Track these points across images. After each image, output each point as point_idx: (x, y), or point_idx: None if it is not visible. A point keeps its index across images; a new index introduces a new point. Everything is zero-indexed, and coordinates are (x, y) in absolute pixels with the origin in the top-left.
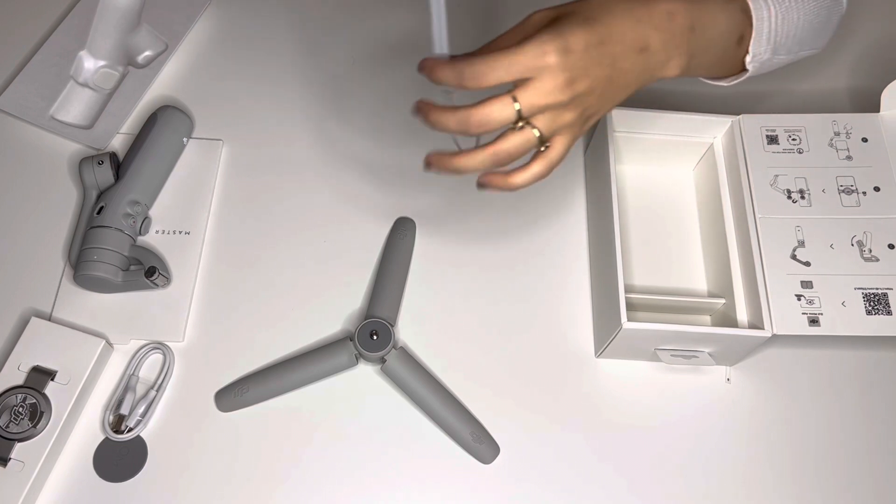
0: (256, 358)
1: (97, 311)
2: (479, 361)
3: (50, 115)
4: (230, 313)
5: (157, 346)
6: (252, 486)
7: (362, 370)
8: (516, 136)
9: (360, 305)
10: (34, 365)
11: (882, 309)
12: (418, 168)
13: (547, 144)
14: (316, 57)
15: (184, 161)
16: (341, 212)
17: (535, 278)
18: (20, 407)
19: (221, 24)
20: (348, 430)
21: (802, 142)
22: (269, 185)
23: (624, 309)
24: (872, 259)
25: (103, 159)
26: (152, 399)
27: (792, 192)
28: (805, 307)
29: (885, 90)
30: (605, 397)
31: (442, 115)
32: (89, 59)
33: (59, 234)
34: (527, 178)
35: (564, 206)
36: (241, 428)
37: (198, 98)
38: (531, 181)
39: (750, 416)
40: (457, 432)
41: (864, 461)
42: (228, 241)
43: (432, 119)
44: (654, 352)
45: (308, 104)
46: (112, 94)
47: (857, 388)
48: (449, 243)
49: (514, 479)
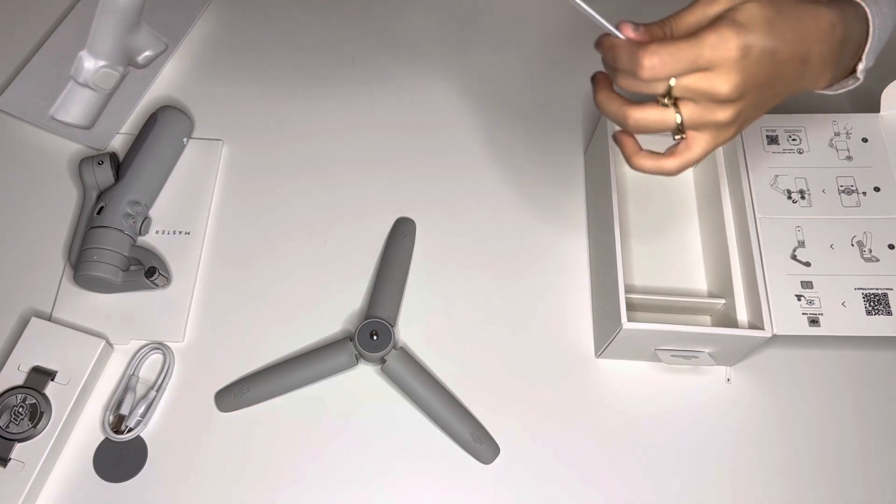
0: (256, 358)
1: (97, 311)
2: (479, 361)
3: (50, 116)
4: (230, 313)
5: (157, 346)
6: (252, 487)
7: (362, 370)
8: (656, 110)
9: (360, 305)
10: (34, 365)
11: (882, 309)
12: (419, 168)
13: (683, 136)
14: (316, 57)
15: (184, 161)
16: (341, 212)
17: (535, 278)
18: (20, 407)
19: (221, 24)
20: (348, 430)
21: (802, 142)
22: (269, 185)
23: (624, 309)
24: (872, 259)
25: (103, 159)
26: (152, 399)
27: (792, 193)
28: (805, 307)
29: (885, 90)
30: (605, 397)
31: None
32: (89, 59)
33: (59, 235)
34: (651, 167)
35: (564, 207)
36: (241, 428)
37: (198, 98)
38: (655, 172)
39: (750, 416)
40: (457, 432)
41: (864, 461)
42: (228, 242)
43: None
44: (654, 352)
45: (308, 104)
46: (112, 95)
47: (857, 389)
48: (449, 243)
49: (514, 479)
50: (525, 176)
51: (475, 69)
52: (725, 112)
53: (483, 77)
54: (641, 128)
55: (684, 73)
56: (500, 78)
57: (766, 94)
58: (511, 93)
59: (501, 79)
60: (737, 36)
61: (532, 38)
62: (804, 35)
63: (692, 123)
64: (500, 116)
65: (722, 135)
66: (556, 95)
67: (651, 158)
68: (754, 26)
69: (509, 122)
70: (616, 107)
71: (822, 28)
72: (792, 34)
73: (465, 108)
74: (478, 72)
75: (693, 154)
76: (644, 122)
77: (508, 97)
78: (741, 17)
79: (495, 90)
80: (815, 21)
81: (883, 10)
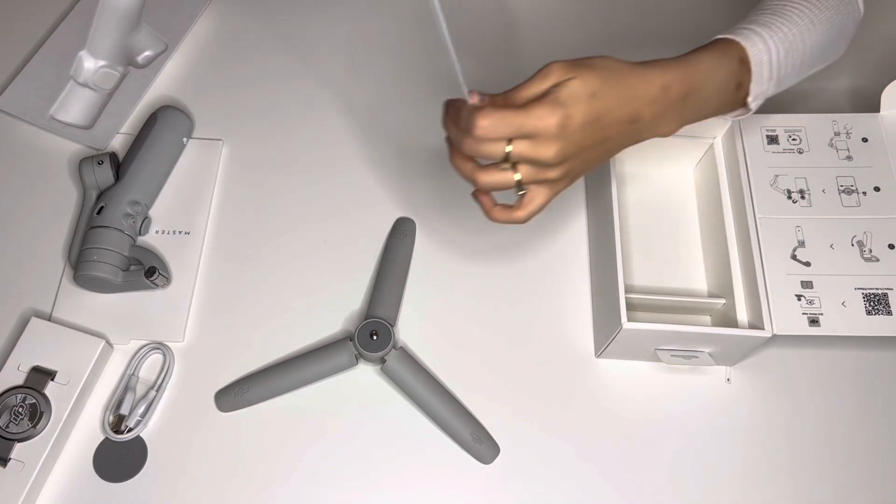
0: (256, 358)
1: (97, 311)
2: (479, 361)
3: (50, 115)
4: (230, 313)
5: (156, 346)
6: (252, 487)
7: (362, 370)
8: (498, 173)
9: (360, 305)
10: (34, 365)
11: (882, 309)
12: (419, 168)
13: (525, 190)
14: (316, 57)
15: (184, 161)
16: (341, 212)
17: (535, 278)
18: (20, 407)
19: (221, 24)
20: (348, 430)
21: (802, 142)
22: (269, 185)
23: (624, 309)
24: (873, 259)
25: (103, 159)
26: (152, 399)
27: (792, 192)
28: (805, 307)
29: (885, 90)
30: (605, 397)
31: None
32: (89, 59)
33: (59, 235)
34: (504, 218)
35: (564, 207)
36: (241, 428)
37: (198, 98)
38: (508, 222)
39: (750, 416)
40: (457, 432)
41: (865, 461)
42: (228, 241)
43: (448, 127)
44: (654, 352)
45: (308, 104)
46: (112, 94)
47: (857, 389)
48: (449, 243)
49: (514, 479)
50: None
51: (475, 69)
52: (555, 171)
53: (483, 77)
54: (489, 187)
55: (512, 136)
56: (501, 78)
57: (595, 152)
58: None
59: (502, 79)
60: (554, 113)
61: (533, 40)
62: (630, 99)
63: (529, 181)
64: None
65: (557, 186)
66: None
67: (504, 212)
68: (574, 102)
69: None
70: (468, 169)
71: (651, 91)
72: (616, 101)
73: None
74: (478, 72)
75: (535, 205)
76: (491, 182)
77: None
78: (562, 94)
79: (497, 89)
80: (643, 85)
81: (785, 30)
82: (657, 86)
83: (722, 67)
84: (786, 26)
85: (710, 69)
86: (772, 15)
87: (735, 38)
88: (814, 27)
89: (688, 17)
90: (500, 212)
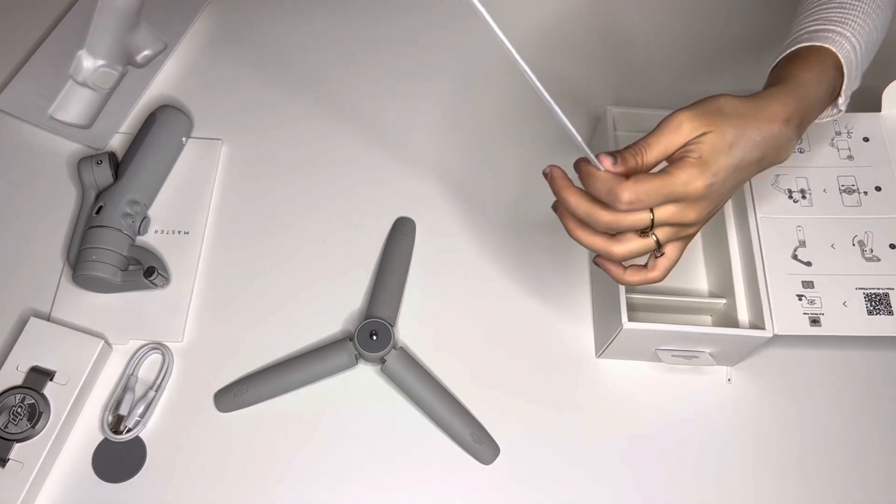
0: (256, 358)
1: (96, 311)
2: (479, 361)
3: (49, 115)
4: (230, 313)
5: (156, 346)
6: (251, 487)
7: (362, 370)
8: (636, 241)
9: (360, 305)
10: (33, 365)
11: (883, 309)
12: (419, 168)
13: (662, 252)
14: (315, 56)
15: (183, 161)
16: (341, 211)
17: (535, 278)
18: (19, 407)
19: (221, 24)
20: (348, 430)
21: (803, 141)
22: (269, 184)
23: (624, 309)
24: (873, 259)
25: (102, 159)
26: (151, 399)
27: (793, 192)
28: (806, 307)
29: (886, 90)
30: (605, 398)
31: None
32: (88, 59)
33: (58, 234)
34: (639, 281)
35: None
36: (240, 428)
37: (197, 98)
38: (643, 283)
39: (751, 416)
40: (457, 433)
41: (865, 461)
42: (228, 241)
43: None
44: (655, 352)
45: (308, 104)
46: (111, 94)
47: (858, 389)
48: (449, 243)
49: (514, 479)
50: (525, 175)
51: (474, 69)
52: (694, 228)
53: (484, 77)
54: (628, 257)
55: (657, 205)
56: (501, 77)
57: (727, 196)
58: (512, 91)
59: (502, 78)
60: (702, 175)
61: (534, 40)
62: (760, 141)
63: (667, 240)
64: (501, 115)
65: (690, 238)
66: (558, 93)
67: (638, 274)
68: (717, 159)
69: (510, 121)
70: (600, 244)
71: (776, 127)
72: (750, 146)
73: (465, 108)
74: (477, 72)
75: (671, 261)
76: (629, 253)
77: (509, 95)
78: (704, 152)
79: (497, 89)
80: (769, 125)
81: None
82: (781, 121)
83: (824, 81)
84: (860, 18)
85: (815, 86)
86: (841, 9)
87: (828, 47)
88: (878, 14)
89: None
90: (634, 275)
